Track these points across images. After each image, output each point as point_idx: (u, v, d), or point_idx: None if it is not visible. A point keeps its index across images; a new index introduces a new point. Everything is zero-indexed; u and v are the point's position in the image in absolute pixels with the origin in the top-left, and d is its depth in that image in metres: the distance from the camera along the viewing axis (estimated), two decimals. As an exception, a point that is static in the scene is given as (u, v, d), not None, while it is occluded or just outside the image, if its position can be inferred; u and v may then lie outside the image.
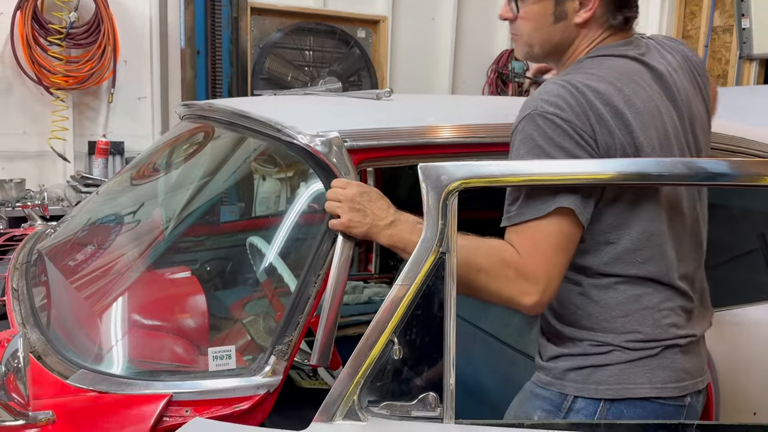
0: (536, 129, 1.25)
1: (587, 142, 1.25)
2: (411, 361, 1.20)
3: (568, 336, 1.36)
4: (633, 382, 1.32)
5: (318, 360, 1.32)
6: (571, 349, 1.35)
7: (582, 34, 1.37)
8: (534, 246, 1.24)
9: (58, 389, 1.27)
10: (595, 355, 1.33)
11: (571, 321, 1.35)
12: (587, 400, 1.33)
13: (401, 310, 1.19)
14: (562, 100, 1.25)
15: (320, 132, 1.45)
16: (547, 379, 1.37)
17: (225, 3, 4.36)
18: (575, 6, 1.34)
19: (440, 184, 1.20)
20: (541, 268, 1.23)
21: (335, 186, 1.35)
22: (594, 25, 1.37)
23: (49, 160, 4.42)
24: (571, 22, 1.35)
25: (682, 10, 6.74)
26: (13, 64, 4.18)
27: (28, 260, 1.97)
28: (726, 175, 1.27)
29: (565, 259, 1.27)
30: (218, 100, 2.07)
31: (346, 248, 1.34)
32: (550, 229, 1.25)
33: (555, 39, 1.38)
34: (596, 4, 1.33)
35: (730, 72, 6.22)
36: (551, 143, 1.24)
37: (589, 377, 1.33)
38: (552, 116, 1.24)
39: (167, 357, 1.40)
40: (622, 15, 1.37)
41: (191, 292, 1.54)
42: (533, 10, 1.36)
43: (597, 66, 1.34)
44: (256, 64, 4.87)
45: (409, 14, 5.48)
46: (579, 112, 1.24)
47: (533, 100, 1.27)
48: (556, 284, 1.25)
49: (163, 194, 2.05)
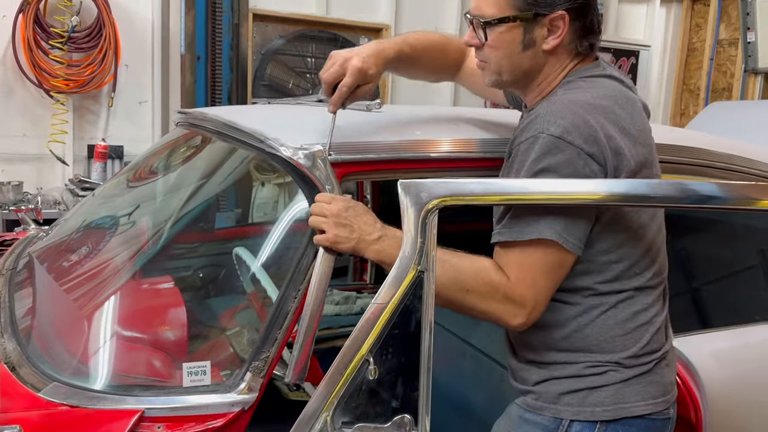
0: (543, 151, 1.23)
1: (598, 166, 1.24)
2: (386, 382, 1.18)
3: (558, 360, 1.34)
4: (628, 401, 1.32)
5: (294, 377, 1.29)
6: (562, 372, 1.34)
7: (551, 62, 1.36)
8: (521, 270, 1.25)
9: (29, 402, 1.26)
10: (590, 376, 1.32)
11: (563, 345, 1.34)
12: (583, 423, 1.32)
13: (377, 328, 1.17)
14: (572, 125, 1.23)
15: (304, 145, 1.44)
16: (537, 403, 1.35)
17: (226, 9, 4.35)
18: (543, 33, 1.32)
19: (420, 202, 1.18)
20: (528, 292, 1.24)
21: (320, 201, 1.33)
22: (562, 52, 1.35)
23: (49, 164, 4.41)
24: (539, 49, 1.34)
25: (688, 23, 6.72)
26: (14, 67, 4.18)
27: (14, 266, 1.96)
28: (718, 198, 1.25)
29: (553, 284, 1.27)
30: (209, 109, 2.06)
31: (326, 262, 1.32)
32: (537, 255, 1.25)
33: (524, 66, 1.35)
34: (564, 31, 1.32)
35: (735, 85, 6.19)
36: (558, 168, 1.22)
37: (585, 400, 1.32)
38: (560, 139, 1.22)
39: (143, 371, 1.38)
40: (588, 42, 1.36)
41: (171, 304, 1.52)
42: (502, 38, 1.33)
43: (592, 86, 1.33)
44: (257, 71, 4.87)
45: (412, 22, 5.46)
46: (588, 136, 1.23)
47: (543, 122, 1.25)
48: (542, 306, 1.27)
49: (151, 202, 2.04)
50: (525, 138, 1.27)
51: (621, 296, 1.33)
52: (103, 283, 1.66)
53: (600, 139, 1.24)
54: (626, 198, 1.22)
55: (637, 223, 1.34)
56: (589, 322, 1.32)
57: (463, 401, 2.15)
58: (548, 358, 1.35)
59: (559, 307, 1.33)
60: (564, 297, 1.32)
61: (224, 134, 1.78)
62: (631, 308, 1.33)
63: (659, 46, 6.74)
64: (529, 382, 1.38)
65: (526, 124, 1.30)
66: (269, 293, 1.50)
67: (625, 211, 1.32)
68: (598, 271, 1.32)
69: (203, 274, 1.80)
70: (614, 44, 6.37)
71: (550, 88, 1.37)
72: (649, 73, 6.72)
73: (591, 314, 1.32)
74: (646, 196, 1.22)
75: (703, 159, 1.86)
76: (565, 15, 1.30)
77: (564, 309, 1.33)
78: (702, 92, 6.54)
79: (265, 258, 1.60)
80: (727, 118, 4.06)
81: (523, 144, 1.27)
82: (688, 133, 2.42)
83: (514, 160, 1.29)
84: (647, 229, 1.36)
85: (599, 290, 1.32)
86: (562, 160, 1.22)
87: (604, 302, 1.32)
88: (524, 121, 1.33)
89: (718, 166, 1.90)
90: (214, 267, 1.88)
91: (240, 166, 1.92)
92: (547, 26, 1.31)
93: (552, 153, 1.22)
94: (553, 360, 1.34)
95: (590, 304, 1.32)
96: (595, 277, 1.32)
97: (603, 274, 1.32)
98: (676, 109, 6.84)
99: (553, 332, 1.34)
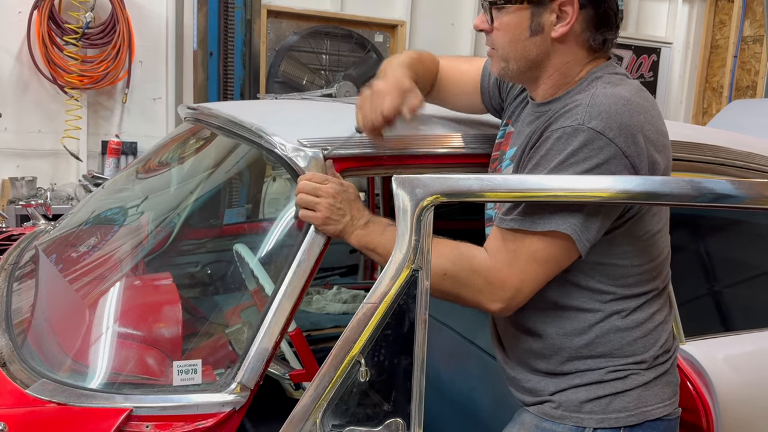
0: (582, 144, 1.17)
1: (632, 168, 1.19)
2: (378, 384, 1.14)
3: (580, 368, 1.31)
4: (649, 404, 1.30)
5: (246, 378, 1.25)
6: (583, 379, 1.30)
7: (560, 52, 1.29)
8: (513, 257, 1.21)
9: (16, 399, 1.23)
10: (612, 381, 1.29)
11: (585, 352, 1.30)
12: (607, 431, 1.28)
13: (369, 329, 1.12)
14: (616, 121, 1.18)
15: (301, 140, 1.41)
16: (558, 412, 1.31)
17: (239, 5, 4.34)
18: (552, 19, 1.26)
19: (415, 198, 1.13)
20: (513, 278, 1.20)
21: (313, 180, 1.31)
22: (573, 42, 1.29)
23: (63, 159, 4.44)
24: (548, 36, 1.27)
25: (711, 19, 6.58)
26: (29, 63, 4.21)
27: (16, 261, 1.95)
28: (734, 197, 1.19)
29: (544, 277, 1.23)
30: (214, 104, 2.03)
31: (315, 247, 1.29)
32: (539, 246, 1.20)
33: (531, 54, 1.29)
34: (574, 18, 1.25)
35: (760, 83, 6.05)
36: (593, 163, 1.17)
37: (609, 406, 1.29)
38: (601, 135, 1.17)
39: (134, 369, 1.35)
40: (602, 36, 1.29)
41: (165, 301, 1.50)
42: (508, 20, 1.28)
43: (625, 84, 1.27)
44: (271, 67, 4.85)
45: (427, 19, 5.41)
46: (628, 135, 1.18)
47: (586, 114, 1.19)
48: (524, 296, 1.23)
49: (151, 198, 2.02)
50: (561, 126, 1.20)
51: (641, 300, 1.31)
52: (100, 279, 1.64)
53: (639, 140, 1.19)
54: (638, 196, 1.16)
55: (657, 227, 1.31)
56: (611, 326, 1.29)
57: (469, 403, 2.11)
58: (567, 367, 1.31)
59: (578, 315, 1.29)
60: (583, 304, 1.29)
61: (226, 129, 1.75)
62: (649, 309, 1.32)
63: (681, 43, 6.60)
64: (545, 393, 1.33)
65: (562, 111, 1.23)
66: (266, 290, 1.47)
67: (645, 214, 1.28)
68: (619, 275, 1.29)
69: (201, 270, 1.78)
70: (635, 41, 6.25)
71: (570, 82, 1.31)
72: (671, 71, 6.59)
73: (612, 319, 1.29)
74: (660, 194, 1.16)
75: (721, 157, 1.80)
76: (574, 1, 1.25)
77: (584, 316, 1.29)
78: (725, 90, 6.40)
79: (263, 255, 1.57)
80: (749, 116, 3.96)
81: (558, 131, 1.20)
82: (705, 130, 2.34)
83: (542, 145, 1.22)
84: (664, 230, 1.34)
85: (620, 294, 1.29)
86: (600, 156, 1.17)
87: (626, 307, 1.30)
88: (556, 110, 1.26)
89: (737, 164, 1.83)
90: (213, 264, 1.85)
91: (239, 163, 1.89)
92: (556, 12, 1.25)
93: (590, 147, 1.17)
94: (574, 369, 1.31)
95: (612, 309, 1.29)
96: (616, 281, 1.29)
97: (624, 279, 1.29)
98: (699, 107, 6.71)
99: (573, 340, 1.30)
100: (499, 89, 1.52)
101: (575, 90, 1.29)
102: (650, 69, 6.43)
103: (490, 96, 1.54)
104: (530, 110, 1.38)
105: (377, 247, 1.27)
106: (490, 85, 1.53)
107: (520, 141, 1.34)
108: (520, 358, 1.37)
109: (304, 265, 1.31)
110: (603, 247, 1.24)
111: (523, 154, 1.30)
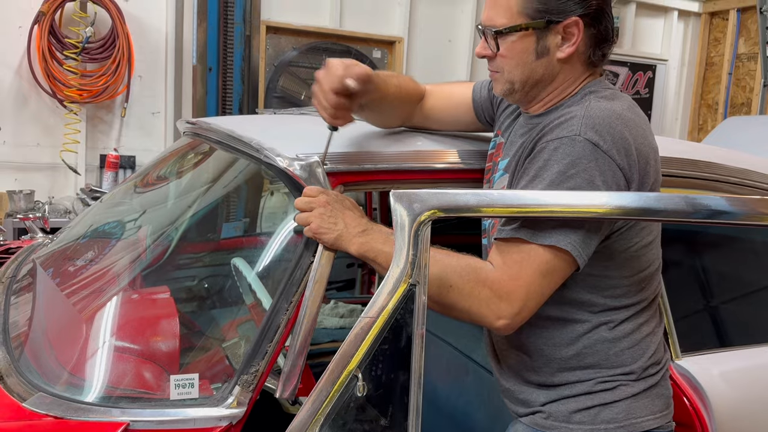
0: (578, 155, 1.18)
1: (625, 180, 1.20)
2: (375, 399, 1.14)
3: (570, 379, 1.31)
4: (639, 416, 1.30)
5: (284, 393, 1.26)
6: (573, 390, 1.31)
7: (565, 71, 1.31)
8: (520, 269, 1.20)
9: (13, 413, 1.23)
10: (601, 392, 1.30)
11: (573, 363, 1.31)
12: None
13: (366, 343, 1.13)
14: (610, 134, 1.19)
15: (299, 155, 1.42)
16: (548, 422, 1.32)
17: (238, 21, 4.37)
18: (557, 41, 1.28)
19: (412, 213, 1.14)
20: (520, 291, 1.19)
21: (307, 194, 1.32)
22: (576, 60, 1.31)
23: (62, 173, 4.45)
24: (553, 57, 1.29)
25: (706, 37, 6.64)
26: (29, 77, 4.23)
27: (14, 274, 1.95)
28: (729, 213, 1.20)
29: (549, 290, 1.23)
30: (213, 119, 2.04)
31: (325, 266, 1.29)
32: (544, 258, 1.20)
33: (537, 75, 1.31)
34: (579, 38, 1.28)
35: (754, 100, 6.09)
36: (588, 175, 1.18)
37: (597, 417, 1.29)
38: (596, 147, 1.18)
39: (132, 382, 1.35)
40: (601, 51, 1.32)
41: (163, 315, 1.50)
42: (514, 47, 1.29)
43: (618, 98, 1.29)
44: (270, 82, 4.87)
45: (425, 35, 5.45)
46: (621, 148, 1.20)
47: (581, 125, 1.21)
48: (529, 311, 1.21)
49: (150, 212, 2.03)
50: (558, 136, 1.22)
51: (629, 311, 1.32)
52: (97, 292, 1.64)
53: (632, 153, 1.21)
54: (634, 212, 1.17)
55: (647, 239, 1.32)
56: (599, 337, 1.30)
57: (465, 418, 2.10)
58: (557, 378, 1.32)
59: (566, 326, 1.30)
60: (572, 314, 1.30)
61: (225, 144, 1.76)
62: (637, 320, 1.33)
63: (677, 60, 6.66)
64: (536, 404, 1.34)
65: (557, 122, 1.24)
66: (264, 305, 1.47)
67: (634, 226, 1.29)
68: (608, 286, 1.30)
69: (199, 284, 1.78)
70: (631, 58, 6.30)
71: (561, 98, 1.33)
72: (666, 88, 6.64)
73: (600, 329, 1.30)
74: (656, 210, 1.17)
75: (716, 173, 1.81)
76: (579, 21, 1.26)
77: (572, 327, 1.30)
78: (720, 107, 6.45)
79: (260, 269, 1.57)
80: (744, 132, 3.99)
81: (554, 142, 1.21)
82: (701, 147, 2.36)
83: (538, 156, 1.24)
84: (654, 243, 1.35)
85: (609, 305, 1.30)
86: (595, 168, 1.18)
87: (614, 318, 1.31)
88: (549, 121, 1.28)
89: (733, 181, 1.85)
90: (211, 278, 1.85)
91: (237, 178, 1.90)
92: (561, 33, 1.28)
93: (586, 159, 1.18)
94: (564, 380, 1.32)
95: (600, 321, 1.30)
96: (604, 292, 1.30)
97: (612, 290, 1.30)
98: (694, 124, 6.75)
99: (561, 351, 1.31)
100: (491, 102, 1.56)
101: (568, 102, 1.32)
102: (646, 86, 6.48)
103: (482, 109, 1.57)
104: (523, 122, 1.40)
105: (378, 256, 1.25)
106: (482, 98, 1.56)
107: (512, 151, 1.36)
108: (514, 369, 1.38)
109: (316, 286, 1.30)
110: (593, 259, 1.25)
111: (517, 164, 1.31)
